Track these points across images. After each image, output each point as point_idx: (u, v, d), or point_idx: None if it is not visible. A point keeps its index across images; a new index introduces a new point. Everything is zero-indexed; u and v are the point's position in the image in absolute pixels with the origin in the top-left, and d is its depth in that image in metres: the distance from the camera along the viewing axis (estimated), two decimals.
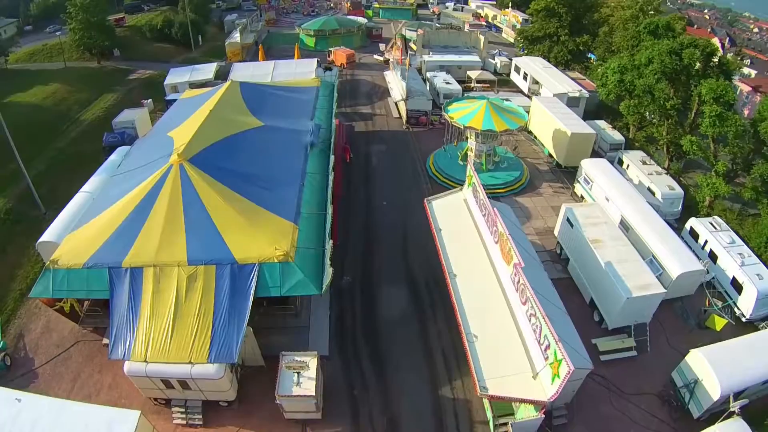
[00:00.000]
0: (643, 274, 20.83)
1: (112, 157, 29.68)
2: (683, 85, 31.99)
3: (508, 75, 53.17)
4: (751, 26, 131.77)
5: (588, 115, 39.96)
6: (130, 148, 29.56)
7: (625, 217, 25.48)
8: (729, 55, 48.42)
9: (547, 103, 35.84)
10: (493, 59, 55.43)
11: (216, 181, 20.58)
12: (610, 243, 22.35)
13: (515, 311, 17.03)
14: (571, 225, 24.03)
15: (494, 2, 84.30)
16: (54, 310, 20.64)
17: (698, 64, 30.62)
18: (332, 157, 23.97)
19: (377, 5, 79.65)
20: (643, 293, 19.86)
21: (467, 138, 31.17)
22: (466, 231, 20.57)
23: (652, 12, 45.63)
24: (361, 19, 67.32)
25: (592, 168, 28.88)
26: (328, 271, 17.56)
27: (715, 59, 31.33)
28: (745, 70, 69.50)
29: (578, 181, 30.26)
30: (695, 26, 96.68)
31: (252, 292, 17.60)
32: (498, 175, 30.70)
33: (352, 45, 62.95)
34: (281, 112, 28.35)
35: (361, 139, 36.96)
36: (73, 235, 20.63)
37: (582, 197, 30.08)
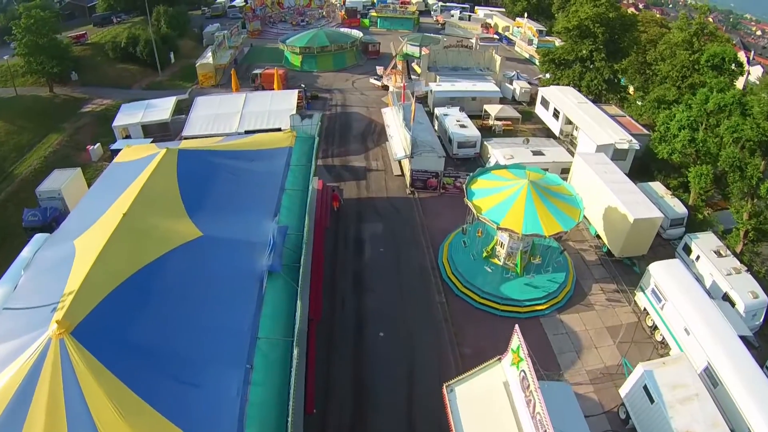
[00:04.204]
0: None
1: (24, 252, 22.55)
2: None
3: (528, 104, 45.16)
4: (754, 29, 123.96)
5: (632, 167, 32.15)
6: (43, 242, 22.00)
7: (713, 365, 18.03)
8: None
9: (596, 164, 27.50)
10: (511, 83, 47.26)
11: (111, 375, 12.89)
12: None
13: None
14: (651, 399, 16.44)
15: (504, 9, 75.61)
16: None
17: None
18: (300, 304, 15.95)
19: (375, 14, 70.91)
20: None
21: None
22: None
23: (706, 37, 37.43)
24: (356, 33, 58.80)
25: (665, 278, 21.01)
26: None
27: None
28: None
29: (642, 289, 22.46)
30: None
31: None
32: (538, 283, 22.53)
33: (344, 64, 54.90)
34: (232, 203, 20.35)
35: (351, 212, 28.64)
36: None
37: (645, 311, 22.31)
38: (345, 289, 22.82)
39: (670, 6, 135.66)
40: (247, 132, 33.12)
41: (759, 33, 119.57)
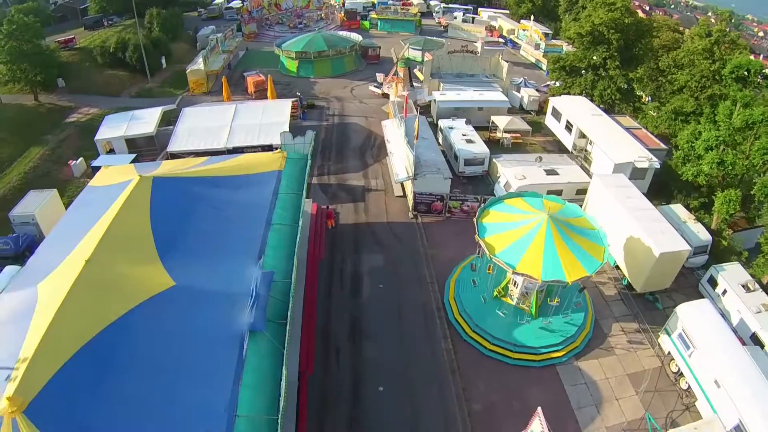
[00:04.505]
0: None
1: None
2: None
3: (537, 113, 42.91)
4: (756, 30, 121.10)
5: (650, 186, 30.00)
6: (9, 280, 20.00)
7: (744, 424, 16.07)
8: None
9: (616, 187, 25.23)
10: (518, 91, 44.95)
11: None
12: None
13: None
14: None
15: (508, 11, 72.91)
16: None
17: None
18: (285, 372, 13.83)
19: (375, 16, 68.47)
20: None
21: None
22: None
23: (726, 46, 35.15)
24: (355, 36, 56.41)
25: (694, 323, 18.90)
26: None
27: None
28: None
29: (668, 333, 20.32)
30: None
31: None
32: (555, 326, 20.28)
33: (343, 69, 52.63)
34: (211, 243, 18.08)
35: (347, 239, 26.30)
36: None
37: (670, 355, 20.15)
38: (340, 338, 20.36)
39: (672, 6, 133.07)
40: (236, 149, 31.05)
41: (761, 34, 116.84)
